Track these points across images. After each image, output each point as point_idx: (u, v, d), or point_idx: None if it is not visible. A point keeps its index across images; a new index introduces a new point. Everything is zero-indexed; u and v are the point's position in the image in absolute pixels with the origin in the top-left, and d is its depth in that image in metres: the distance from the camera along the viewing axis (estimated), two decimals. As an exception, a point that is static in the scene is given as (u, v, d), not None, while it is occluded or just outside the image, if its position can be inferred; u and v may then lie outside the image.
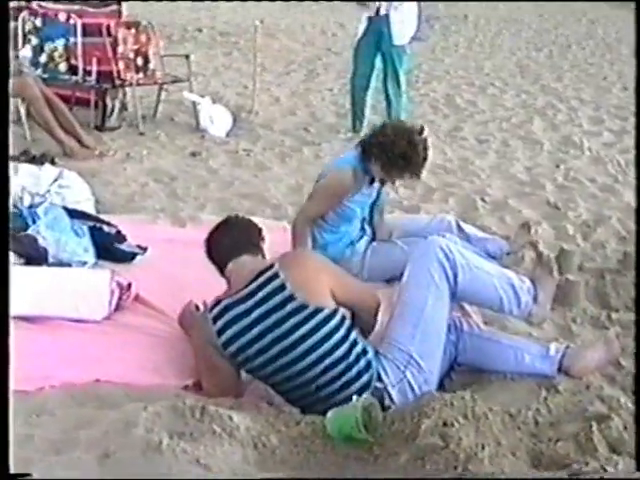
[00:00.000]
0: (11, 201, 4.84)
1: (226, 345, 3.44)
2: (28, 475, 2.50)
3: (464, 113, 9.98)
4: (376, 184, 4.88)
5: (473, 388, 3.58)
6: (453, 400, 3.02)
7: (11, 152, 5.91)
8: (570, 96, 11.23)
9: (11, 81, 6.74)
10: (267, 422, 3.14)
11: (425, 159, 4.69)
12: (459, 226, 5.10)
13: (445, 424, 2.84)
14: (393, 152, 4.58)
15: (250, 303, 3.42)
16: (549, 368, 3.74)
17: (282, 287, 3.38)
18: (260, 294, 3.41)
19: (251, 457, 2.86)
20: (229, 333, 3.43)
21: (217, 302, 3.51)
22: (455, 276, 3.63)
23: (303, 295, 3.38)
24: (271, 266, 3.44)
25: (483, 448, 2.73)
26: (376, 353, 3.54)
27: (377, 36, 8.30)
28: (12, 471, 2.48)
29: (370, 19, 8.30)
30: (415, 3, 8.39)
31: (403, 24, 8.27)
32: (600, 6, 22.70)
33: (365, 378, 3.42)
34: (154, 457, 2.72)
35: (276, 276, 3.40)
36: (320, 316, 3.38)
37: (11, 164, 5.34)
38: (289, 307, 3.37)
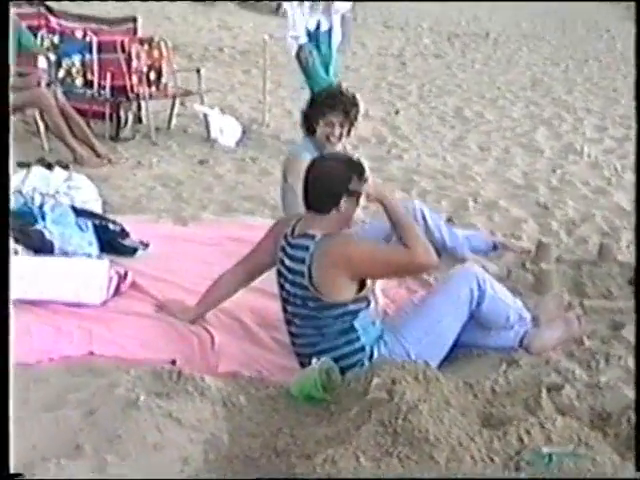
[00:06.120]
0: (23, 201, 5.20)
1: None
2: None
3: (470, 124, 10.07)
4: None
5: (441, 363, 3.86)
6: (405, 364, 3.30)
7: (27, 160, 6.30)
8: (578, 107, 11.31)
9: (28, 92, 7.14)
10: (238, 385, 3.46)
11: (356, 105, 4.91)
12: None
13: (394, 382, 3.08)
14: (321, 96, 4.95)
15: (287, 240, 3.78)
16: (512, 340, 4.04)
17: (303, 261, 3.65)
18: (290, 250, 3.74)
19: (220, 413, 3.15)
20: None
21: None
22: (479, 304, 3.93)
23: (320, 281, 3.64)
24: (312, 237, 3.67)
25: (425, 401, 2.96)
26: (379, 337, 3.79)
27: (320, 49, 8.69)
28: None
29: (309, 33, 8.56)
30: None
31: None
32: (623, 22, 22.71)
33: (355, 358, 3.70)
34: (131, 412, 3.00)
35: (306, 249, 3.66)
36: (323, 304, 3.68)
37: (25, 169, 5.74)
38: (300, 280, 3.68)
